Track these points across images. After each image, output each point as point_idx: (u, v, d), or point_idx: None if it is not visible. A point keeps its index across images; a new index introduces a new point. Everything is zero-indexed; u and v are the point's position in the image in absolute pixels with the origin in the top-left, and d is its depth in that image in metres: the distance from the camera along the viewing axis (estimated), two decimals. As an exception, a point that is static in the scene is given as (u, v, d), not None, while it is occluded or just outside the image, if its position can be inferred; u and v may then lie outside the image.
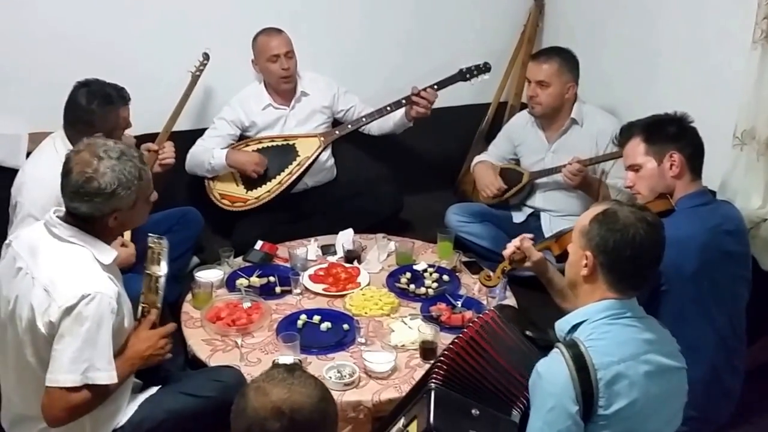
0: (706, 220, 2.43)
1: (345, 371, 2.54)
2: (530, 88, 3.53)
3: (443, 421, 1.95)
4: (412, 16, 4.19)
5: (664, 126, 2.54)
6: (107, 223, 2.16)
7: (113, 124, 2.87)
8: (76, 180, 2.08)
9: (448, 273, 3.20)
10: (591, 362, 1.80)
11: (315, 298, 3.06)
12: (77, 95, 2.88)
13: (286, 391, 1.53)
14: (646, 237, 1.88)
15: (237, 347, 2.70)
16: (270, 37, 3.65)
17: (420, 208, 4.05)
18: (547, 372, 1.84)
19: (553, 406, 1.80)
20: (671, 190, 2.51)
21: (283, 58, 3.63)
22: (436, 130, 4.33)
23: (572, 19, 4.16)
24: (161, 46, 3.65)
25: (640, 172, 2.55)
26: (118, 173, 2.10)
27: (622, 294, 1.92)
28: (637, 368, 1.84)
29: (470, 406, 2.00)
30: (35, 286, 2.08)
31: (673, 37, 3.47)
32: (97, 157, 2.10)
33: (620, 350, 1.85)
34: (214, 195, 3.71)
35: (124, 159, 2.13)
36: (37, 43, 3.44)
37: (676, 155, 2.48)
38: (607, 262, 1.91)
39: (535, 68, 3.50)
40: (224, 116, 3.73)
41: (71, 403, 2.05)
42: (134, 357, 2.24)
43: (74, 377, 2.03)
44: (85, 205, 2.10)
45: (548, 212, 3.64)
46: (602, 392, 1.80)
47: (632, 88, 3.71)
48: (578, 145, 3.46)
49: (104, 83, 2.92)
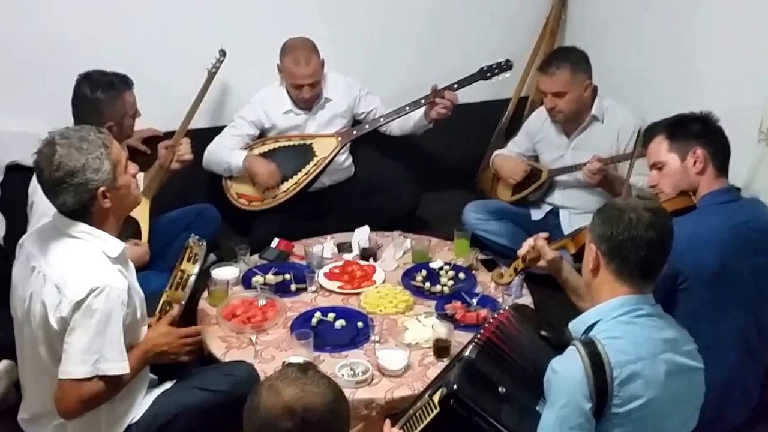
0: (730, 217, 2.37)
1: (358, 369, 2.53)
2: (547, 100, 3.44)
3: (468, 388, 1.96)
4: (433, 12, 4.18)
5: (687, 124, 2.51)
6: (101, 205, 2.15)
7: (121, 111, 2.90)
8: (47, 177, 2.09)
9: (464, 271, 3.18)
10: (607, 360, 1.80)
11: (330, 296, 3.05)
12: (81, 88, 2.91)
13: (299, 390, 1.53)
14: (644, 220, 1.88)
15: (252, 344, 2.70)
16: (298, 64, 3.56)
17: (438, 206, 4.04)
18: (562, 368, 1.84)
19: (566, 403, 1.80)
20: (695, 188, 2.47)
21: (306, 88, 3.59)
22: (454, 126, 4.30)
23: (596, 11, 4.12)
24: (178, 44, 3.68)
25: (664, 170, 2.52)
26: (78, 149, 2.09)
27: (632, 286, 1.91)
28: (654, 368, 1.83)
29: (499, 383, 2.00)
30: (47, 283, 2.10)
31: (700, 31, 3.42)
32: (56, 145, 2.10)
33: (637, 349, 1.83)
34: (231, 194, 3.73)
35: (81, 135, 2.12)
36: (56, 43, 3.49)
37: (700, 151, 2.44)
38: (608, 250, 1.92)
39: (548, 81, 3.40)
40: (244, 116, 3.72)
41: (83, 395, 2.07)
42: (148, 350, 2.26)
43: (85, 369, 2.05)
44: (69, 194, 2.10)
45: (567, 209, 3.61)
46: (617, 391, 1.79)
47: (657, 82, 3.66)
48: (599, 142, 3.42)
49: (105, 72, 2.95)
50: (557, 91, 3.39)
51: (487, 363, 2.06)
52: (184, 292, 2.36)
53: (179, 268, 2.40)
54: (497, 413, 1.94)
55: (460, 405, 1.93)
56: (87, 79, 2.92)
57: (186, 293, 2.37)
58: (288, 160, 3.67)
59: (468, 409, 1.93)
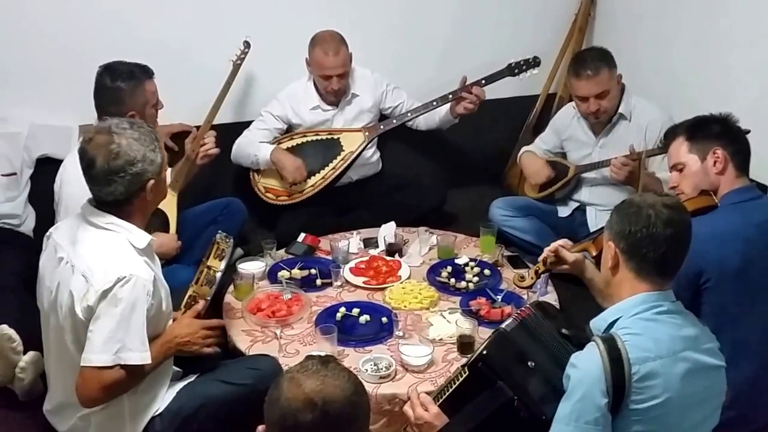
0: (752, 215, 2.36)
1: (381, 364, 2.54)
2: (589, 104, 3.37)
3: (498, 356, 1.98)
4: (461, 7, 4.16)
5: (707, 125, 2.50)
6: (146, 197, 2.19)
7: (143, 100, 2.90)
8: (102, 165, 2.11)
9: (489, 267, 3.17)
10: (626, 356, 1.79)
11: (355, 291, 3.06)
12: (102, 78, 2.94)
13: (320, 383, 1.53)
14: (662, 217, 1.86)
15: (276, 338, 2.72)
16: (326, 55, 3.57)
17: (464, 202, 4.03)
18: (580, 362, 1.84)
19: (582, 396, 1.79)
20: (716, 188, 2.45)
21: (335, 79, 3.60)
22: (482, 122, 4.28)
23: (625, 7, 4.08)
24: (203, 36, 3.70)
25: (684, 171, 2.51)
26: (139, 139, 2.14)
27: (651, 283, 1.89)
28: (673, 366, 1.81)
29: (529, 357, 2.01)
30: (75, 273, 2.13)
31: (730, 26, 3.38)
32: (113, 134, 2.13)
33: (658, 346, 1.82)
34: (258, 188, 3.75)
35: (137, 126, 2.18)
36: (84, 38, 3.53)
37: (720, 151, 2.42)
38: (627, 247, 1.90)
39: (589, 84, 3.34)
40: (271, 111, 3.74)
41: (104, 383, 2.09)
42: (171, 341, 2.27)
43: (107, 357, 2.07)
44: (123, 184, 2.13)
45: (594, 206, 3.58)
46: (635, 387, 1.78)
47: (688, 78, 3.62)
48: (626, 140, 3.37)
49: (125, 62, 2.97)
50: (601, 92, 3.35)
51: (520, 338, 2.07)
52: (210, 288, 2.38)
53: (206, 264, 2.41)
54: (523, 383, 1.96)
55: (487, 368, 1.96)
56: (107, 69, 2.95)
57: (212, 290, 2.39)
58: (315, 154, 3.68)
59: (494, 372, 1.95)
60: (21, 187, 3.40)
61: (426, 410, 2.00)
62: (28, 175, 3.45)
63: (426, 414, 1.99)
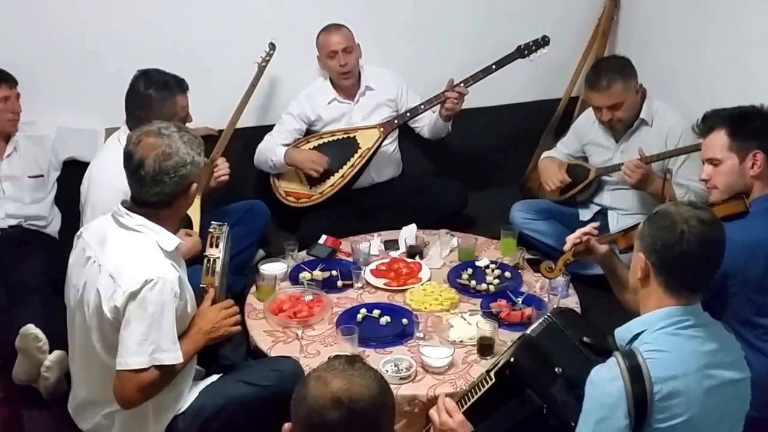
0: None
1: (402, 365, 2.55)
2: (604, 113, 3.36)
3: (525, 363, 1.96)
4: (482, 11, 4.16)
5: (749, 120, 2.42)
6: (186, 199, 2.24)
7: (171, 111, 2.92)
8: (152, 166, 2.15)
9: (510, 270, 3.17)
10: (648, 375, 1.74)
11: (376, 293, 3.07)
12: (137, 82, 2.97)
13: (346, 382, 1.54)
14: (696, 234, 1.79)
15: (297, 339, 2.74)
16: (329, 33, 3.69)
17: (486, 205, 4.02)
18: (601, 381, 1.78)
19: (603, 417, 1.75)
20: (748, 190, 2.41)
21: (341, 54, 3.66)
22: (504, 126, 4.31)
23: (648, 12, 4.06)
24: (228, 38, 3.75)
25: (719, 167, 2.44)
26: (188, 142, 2.20)
27: (679, 298, 1.84)
28: (696, 383, 1.76)
29: (555, 363, 1.98)
30: (102, 272, 2.16)
31: (754, 30, 3.35)
32: (163, 135, 2.19)
33: (680, 364, 1.77)
34: (279, 193, 3.79)
35: (183, 130, 2.25)
36: (111, 42, 3.58)
37: (760, 155, 2.37)
38: (658, 262, 1.84)
39: (602, 96, 3.32)
40: (291, 111, 3.79)
41: (141, 384, 2.12)
42: (197, 334, 2.30)
43: (142, 359, 2.10)
44: (171, 184, 2.17)
45: (616, 210, 3.55)
46: (657, 407, 1.73)
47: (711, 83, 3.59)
48: (646, 145, 3.31)
49: (163, 72, 3.00)
50: (614, 104, 3.32)
51: (546, 344, 2.05)
52: (214, 276, 2.40)
53: (205, 255, 2.44)
54: (551, 390, 1.93)
55: (515, 376, 1.93)
56: (144, 75, 2.99)
57: (216, 277, 2.40)
58: (333, 154, 3.71)
59: (522, 380, 1.93)
60: (48, 189, 3.47)
61: (451, 417, 1.94)
62: (54, 177, 3.51)
63: (450, 420, 1.93)
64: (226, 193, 3.51)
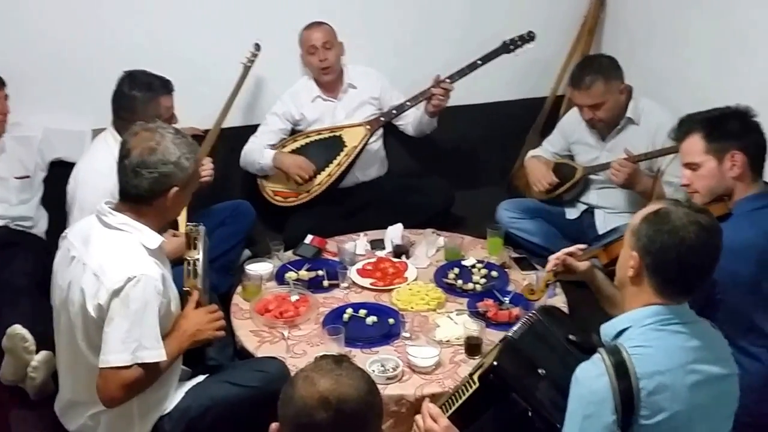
0: (765, 224, 2.29)
1: (388, 365, 2.55)
2: (585, 112, 3.40)
3: (508, 366, 1.96)
4: (469, 10, 4.16)
5: (726, 121, 2.40)
6: (164, 201, 2.23)
7: (155, 113, 2.91)
8: (137, 156, 2.18)
9: (496, 269, 3.18)
10: (633, 371, 1.73)
11: (362, 293, 3.08)
12: (122, 83, 2.98)
13: (334, 381, 1.53)
14: (696, 241, 1.77)
15: (284, 339, 2.74)
16: (310, 30, 3.71)
17: (472, 204, 4.04)
18: (586, 378, 1.77)
19: (590, 414, 1.74)
20: (730, 192, 2.39)
21: (321, 50, 3.68)
22: (490, 124, 4.31)
23: (634, 10, 4.08)
24: (213, 38, 3.74)
25: (698, 171, 2.42)
26: (179, 144, 2.21)
27: (669, 299, 1.83)
28: (682, 378, 1.76)
29: (539, 364, 1.99)
30: (86, 271, 2.16)
31: (740, 29, 3.35)
32: (157, 133, 2.22)
33: (666, 359, 1.76)
34: (266, 192, 3.79)
35: (180, 135, 2.26)
36: (98, 43, 3.58)
37: (738, 155, 2.34)
38: (653, 265, 1.82)
39: (583, 95, 3.35)
40: (275, 111, 3.80)
41: (124, 382, 2.12)
42: (181, 336, 2.29)
43: (125, 357, 2.10)
44: (149, 180, 2.18)
45: (603, 209, 3.56)
46: (644, 402, 1.73)
47: (700, 80, 3.60)
48: (634, 144, 3.34)
49: (149, 73, 3.00)
50: (594, 104, 3.34)
51: (529, 345, 2.05)
52: (196, 278, 2.40)
53: (184, 258, 2.45)
54: (535, 392, 1.94)
55: (499, 380, 1.93)
56: (129, 76, 2.99)
57: (197, 279, 2.40)
58: (319, 153, 3.72)
59: (506, 384, 1.93)
60: (34, 189, 3.45)
61: (436, 422, 1.93)
62: (41, 178, 3.50)
63: (436, 426, 1.92)
64: (211, 193, 3.50)
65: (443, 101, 3.67)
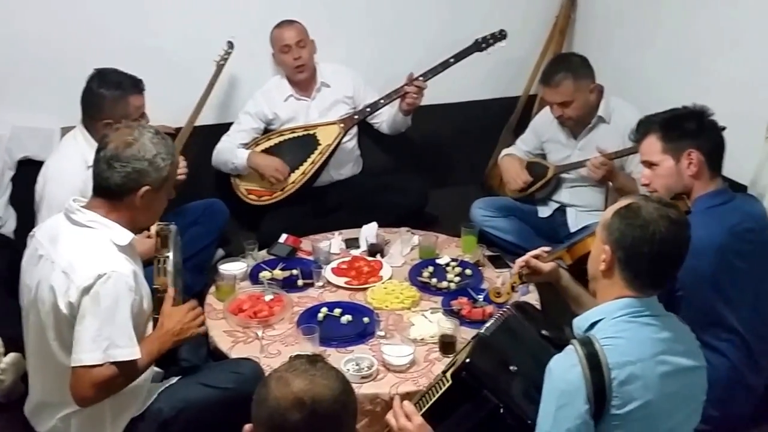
0: (724, 221, 2.36)
1: (363, 364, 2.54)
2: (555, 110, 3.43)
3: (480, 364, 1.97)
4: (445, 11, 4.17)
5: (682, 122, 2.46)
6: (134, 201, 2.20)
7: (123, 112, 2.87)
8: (112, 149, 2.17)
9: (471, 267, 3.19)
10: (605, 361, 1.76)
11: (337, 291, 3.07)
12: (91, 81, 2.94)
13: (308, 382, 1.53)
14: (667, 235, 1.82)
15: (258, 339, 2.72)
16: (282, 28, 3.70)
17: (446, 203, 4.05)
18: (559, 369, 1.81)
19: (563, 405, 1.77)
20: (689, 190, 2.44)
21: (294, 48, 3.67)
22: (463, 123, 4.32)
23: (605, 10, 4.11)
24: (186, 36, 3.71)
25: (657, 170, 2.48)
26: (156, 144, 2.20)
27: (640, 292, 1.86)
28: (652, 369, 1.79)
29: (511, 361, 2.00)
30: (55, 269, 2.13)
31: (707, 30, 3.40)
32: (136, 130, 2.22)
33: (636, 350, 1.80)
34: (240, 191, 3.77)
35: (160, 136, 2.24)
36: (67, 39, 3.53)
37: (695, 153, 2.40)
38: (625, 258, 1.85)
39: (552, 92, 3.38)
40: (248, 110, 3.77)
41: (96, 381, 2.09)
42: (164, 335, 2.27)
43: (96, 355, 2.07)
44: (120, 175, 2.16)
45: (574, 207, 3.60)
46: (615, 392, 1.76)
47: (666, 79, 3.65)
48: (606, 142, 3.37)
49: (120, 72, 2.96)
50: (563, 102, 3.37)
51: (501, 342, 2.07)
52: (166, 276, 2.38)
53: (155, 256, 2.43)
54: (507, 389, 1.95)
55: (471, 377, 1.94)
56: (99, 74, 2.95)
57: (168, 277, 2.37)
58: (293, 152, 3.70)
59: (479, 381, 1.94)
60: (2, 188, 3.40)
61: (410, 420, 1.93)
62: (9, 177, 3.45)
63: (409, 424, 1.92)
64: (184, 192, 3.46)
65: (417, 99, 3.67)
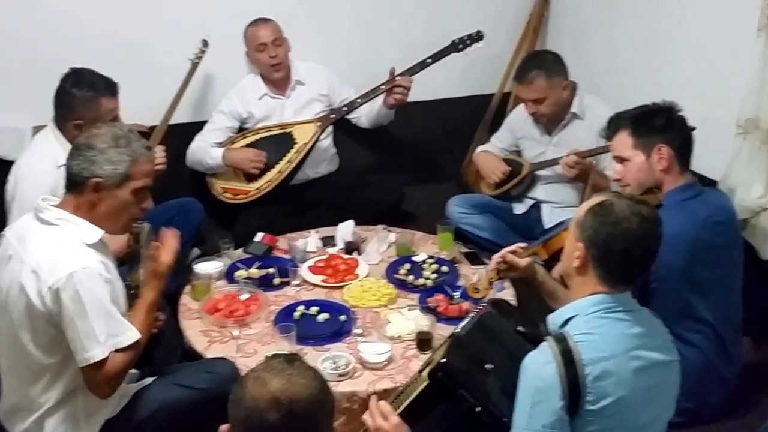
0: (695, 214, 2.40)
1: (340, 362, 2.54)
2: (528, 106, 3.45)
3: (456, 363, 1.97)
4: (420, 8, 4.16)
5: (652, 117, 2.51)
6: (89, 194, 2.16)
7: (94, 113, 2.83)
8: (81, 137, 2.20)
9: (447, 264, 3.19)
10: (579, 357, 1.78)
11: (313, 290, 3.06)
12: (64, 80, 2.90)
13: (285, 381, 1.52)
14: (639, 232, 1.84)
15: (234, 338, 2.70)
16: (257, 27, 3.67)
17: (422, 200, 4.06)
18: (534, 366, 1.82)
19: (539, 401, 1.78)
20: (660, 184, 2.49)
21: (270, 46, 3.65)
22: (439, 121, 4.32)
23: (578, 8, 4.13)
24: (160, 34, 3.68)
25: (628, 165, 2.53)
26: (118, 138, 2.19)
27: (613, 288, 1.88)
28: (625, 364, 1.81)
29: (487, 359, 2.01)
30: (24, 269, 2.11)
31: (677, 24, 3.43)
32: (110, 126, 2.24)
33: (610, 346, 1.81)
34: (216, 190, 3.74)
35: (132, 136, 2.23)
36: (39, 37, 3.48)
37: (665, 148, 2.45)
38: (598, 255, 1.87)
39: (525, 89, 3.41)
40: (222, 109, 3.75)
41: (108, 374, 2.11)
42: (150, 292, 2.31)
43: (101, 350, 2.08)
44: (77, 162, 2.16)
45: (549, 203, 3.61)
46: (590, 388, 1.77)
47: (637, 77, 3.67)
48: (580, 138, 3.40)
49: (95, 73, 2.91)
50: (536, 98, 3.39)
51: (477, 340, 2.08)
52: (138, 273, 2.39)
53: (127, 253, 2.43)
54: (483, 388, 1.96)
55: (447, 377, 1.94)
56: (73, 74, 2.91)
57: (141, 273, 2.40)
58: (269, 150, 3.67)
59: (455, 380, 1.94)
60: (-28, 189, 3.35)
61: (386, 419, 1.92)
62: (-21, 177, 3.39)
63: (386, 424, 1.91)
64: (158, 191, 3.43)
65: (404, 96, 3.67)
